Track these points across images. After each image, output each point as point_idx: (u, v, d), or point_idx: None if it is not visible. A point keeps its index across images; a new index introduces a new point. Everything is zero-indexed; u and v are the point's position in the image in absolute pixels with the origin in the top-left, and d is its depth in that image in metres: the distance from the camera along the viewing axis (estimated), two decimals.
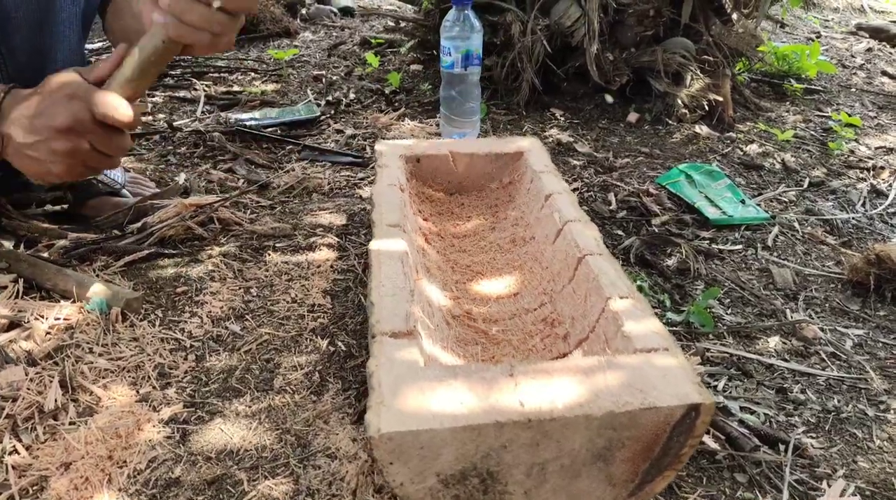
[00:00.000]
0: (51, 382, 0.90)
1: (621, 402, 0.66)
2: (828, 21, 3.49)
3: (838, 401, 0.99)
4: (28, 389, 0.88)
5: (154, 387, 0.92)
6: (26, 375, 0.90)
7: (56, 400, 0.87)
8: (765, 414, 0.95)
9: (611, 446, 0.67)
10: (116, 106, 0.85)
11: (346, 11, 3.20)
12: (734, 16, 2.11)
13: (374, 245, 0.97)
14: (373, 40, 2.66)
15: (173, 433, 0.85)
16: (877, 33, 3.15)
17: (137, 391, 0.91)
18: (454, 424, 0.63)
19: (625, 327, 0.79)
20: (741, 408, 0.95)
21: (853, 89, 2.42)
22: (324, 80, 2.27)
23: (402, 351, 0.74)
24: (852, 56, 2.86)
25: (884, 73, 2.66)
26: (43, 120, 0.85)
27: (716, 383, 1.00)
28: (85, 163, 0.89)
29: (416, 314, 0.83)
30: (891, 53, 2.94)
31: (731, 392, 0.99)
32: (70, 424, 0.85)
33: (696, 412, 0.66)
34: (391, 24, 2.82)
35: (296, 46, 2.67)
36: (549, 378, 0.69)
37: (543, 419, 0.64)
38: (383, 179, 1.18)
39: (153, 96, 2.08)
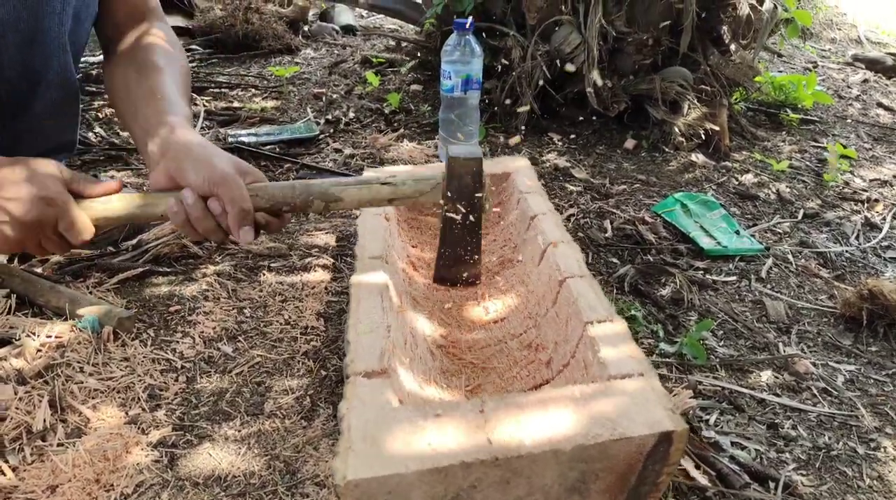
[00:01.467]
0: (40, 402, 0.89)
1: (591, 434, 0.66)
2: (825, 51, 3.52)
3: (829, 438, 0.99)
4: (17, 408, 0.88)
5: (143, 409, 0.91)
6: (15, 394, 0.90)
7: (45, 421, 0.87)
8: (756, 450, 0.95)
9: (584, 479, 0.67)
10: (82, 231, 0.89)
11: (348, 29, 3.22)
12: (732, 46, 2.13)
13: (354, 280, 0.97)
14: (374, 59, 2.68)
15: (161, 456, 0.84)
16: (873, 65, 3.18)
17: (127, 413, 0.90)
18: (421, 466, 0.63)
19: (601, 353, 0.79)
20: (732, 443, 0.95)
21: (849, 120, 2.44)
22: (324, 98, 2.28)
23: (375, 392, 0.74)
24: (848, 87, 2.88)
25: (879, 104, 2.68)
26: (11, 206, 0.86)
27: (707, 417, 1.00)
28: (25, 249, 0.92)
29: (393, 351, 0.83)
30: (886, 85, 2.97)
31: (722, 427, 0.99)
32: (58, 445, 0.84)
33: (669, 440, 0.66)
34: (392, 43, 2.84)
35: (297, 63, 2.68)
36: (519, 413, 0.69)
37: (511, 456, 0.64)
38: (368, 209, 1.18)
39: None
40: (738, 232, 1.52)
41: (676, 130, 1.96)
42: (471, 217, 0.94)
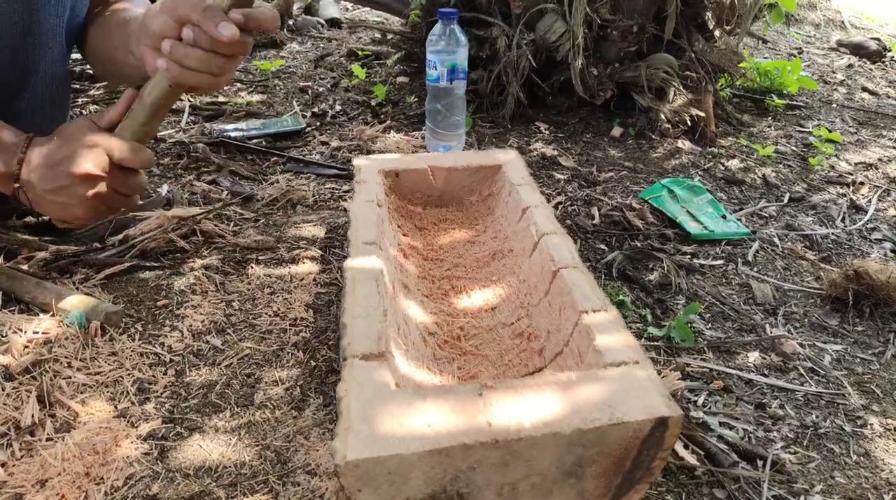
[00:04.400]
0: (28, 397, 0.89)
1: (589, 419, 0.66)
2: (809, 37, 3.54)
3: (816, 416, 1.00)
4: (4, 404, 0.87)
5: (133, 402, 0.91)
6: (3, 390, 0.89)
7: (33, 416, 0.86)
8: (744, 430, 0.96)
9: (581, 462, 0.67)
10: (134, 150, 0.92)
11: (334, 23, 3.21)
12: (717, 32, 2.13)
13: (348, 264, 0.97)
14: (359, 52, 2.67)
15: (151, 449, 0.84)
16: (857, 49, 3.20)
17: (116, 407, 0.90)
18: (421, 448, 0.63)
19: (596, 341, 0.80)
20: (720, 423, 0.96)
21: (834, 105, 2.46)
22: (310, 91, 2.27)
23: (373, 374, 0.74)
24: (833, 72, 2.90)
25: (864, 89, 2.70)
26: (65, 167, 0.91)
27: (696, 398, 1.01)
28: (107, 204, 0.96)
29: (389, 335, 0.83)
30: (871, 69, 2.99)
31: (710, 408, 0.99)
32: (47, 440, 0.84)
33: (665, 426, 0.67)
34: (378, 36, 2.84)
35: (282, 57, 2.67)
36: (517, 397, 0.69)
37: (511, 438, 0.64)
38: (361, 196, 1.18)
39: None
40: (724, 216, 1.53)
41: (662, 116, 1.96)
42: None
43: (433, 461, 0.63)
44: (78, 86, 2.16)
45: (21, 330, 1.00)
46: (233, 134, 1.85)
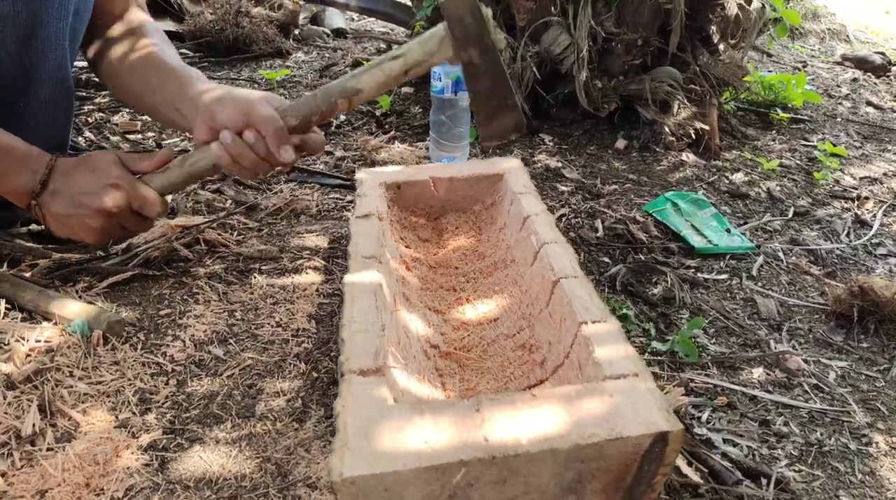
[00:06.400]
0: (29, 406, 0.88)
1: (587, 434, 0.65)
2: (814, 51, 3.54)
3: (821, 434, 0.99)
4: (5, 413, 0.87)
5: (134, 412, 0.91)
6: (4, 398, 0.89)
7: (34, 425, 0.86)
8: (748, 447, 0.95)
9: (580, 478, 0.67)
10: (154, 203, 1.01)
11: (339, 33, 3.22)
12: (721, 46, 2.14)
13: (348, 279, 0.97)
14: (365, 62, 2.68)
15: (152, 460, 0.84)
16: (861, 63, 3.20)
17: (117, 417, 0.90)
18: (418, 464, 0.62)
19: (595, 354, 0.79)
20: (724, 440, 0.95)
21: (839, 119, 2.46)
22: None
23: (371, 390, 0.73)
24: (838, 86, 2.90)
25: (869, 103, 2.70)
26: (86, 199, 0.99)
27: (700, 414, 1.00)
28: (109, 235, 1.05)
29: (388, 349, 0.82)
30: (875, 83, 2.99)
31: (714, 424, 0.99)
32: (47, 450, 0.84)
33: (665, 440, 0.66)
34: (383, 46, 2.85)
35: (288, 67, 2.68)
36: (515, 412, 0.69)
37: (508, 454, 0.64)
38: (361, 209, 1.18)
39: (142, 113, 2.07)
40: (728, 230, 1.53)
41: (667, 129, 1.97)
42: (489, 57, 0.94)
43: (430, 477, 0.63)
44: (84, 93, 2.17)
45: (23, 338, 1.00)
46: None
